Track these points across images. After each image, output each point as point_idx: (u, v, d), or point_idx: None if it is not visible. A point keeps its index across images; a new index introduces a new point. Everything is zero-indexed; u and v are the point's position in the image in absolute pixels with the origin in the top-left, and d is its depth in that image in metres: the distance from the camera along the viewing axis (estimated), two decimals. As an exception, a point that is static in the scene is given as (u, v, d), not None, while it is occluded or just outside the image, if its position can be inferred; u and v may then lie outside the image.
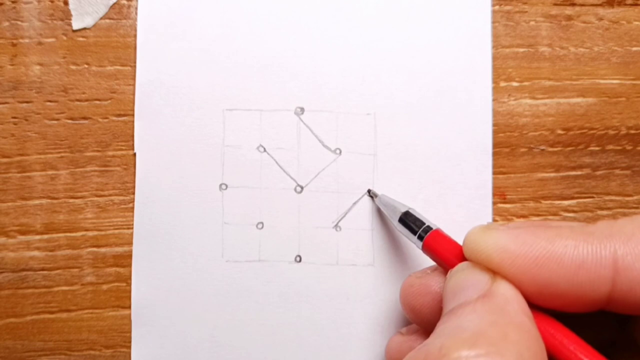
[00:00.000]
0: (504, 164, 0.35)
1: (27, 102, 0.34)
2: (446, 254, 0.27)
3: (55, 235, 0.34)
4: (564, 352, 0.22)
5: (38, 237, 0.34)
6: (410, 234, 0.30)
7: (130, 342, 0.34)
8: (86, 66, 0.34)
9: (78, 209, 0.34)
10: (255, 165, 0.34)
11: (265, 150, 0.34)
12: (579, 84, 0.35)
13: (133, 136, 0.34)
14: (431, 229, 0.29)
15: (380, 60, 0.35)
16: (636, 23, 0.35)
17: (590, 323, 0.25)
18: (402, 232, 0.30)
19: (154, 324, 0.34)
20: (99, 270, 0.34)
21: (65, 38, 0.34)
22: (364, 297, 0.34)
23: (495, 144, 0.35)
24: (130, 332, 0.34)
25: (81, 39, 0.34)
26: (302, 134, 0.34)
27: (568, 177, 0.35)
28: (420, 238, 0.29)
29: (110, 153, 0.34)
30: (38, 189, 0.34)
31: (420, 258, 0.33)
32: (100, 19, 0.34)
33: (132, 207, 0.34)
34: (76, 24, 0.34)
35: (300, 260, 0.34)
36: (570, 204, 0.35)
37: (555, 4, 0.35)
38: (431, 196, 0.34)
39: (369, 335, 0.34)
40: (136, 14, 0.34)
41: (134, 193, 0.34)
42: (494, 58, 0.35)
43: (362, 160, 0.34)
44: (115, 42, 0.34)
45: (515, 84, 0.35)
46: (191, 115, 0.34)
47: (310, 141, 0.34)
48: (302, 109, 0.34)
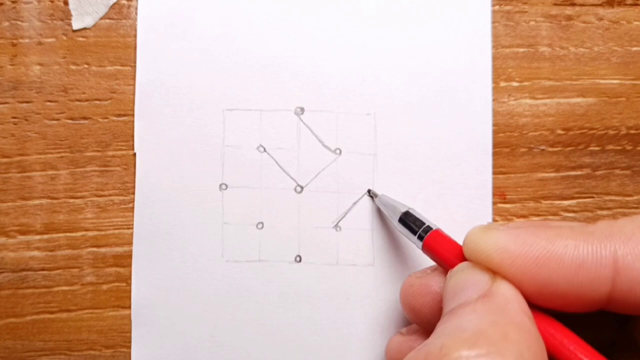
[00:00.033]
0: (504, 164, 0.35)
1: (27, 102, 0.34)
2: (446, 254, 0.27)
3: (55, 235, 0.34)
4: (564, 352, 0.22)
5: (38, 237, 0.34)
6: (410, 234, 0.30)
7: (130, 342, 0.34)
8: (86, 66, 0.34)
9: (78, 209, 0.34)
10: (255, 165, 0.34)
11: (265, 150, 0.34)
12: (579, 84, 0.35)
13: (133, 136, 0.34)
14: (431, 229, 0.29)
15: (380, 60, 0.35)
16: (636, 23, 0.35)
17: (590, 323, 0.25)
18: (402, 232, 0.30)
19: (154, 324, 0.34)
20: (99, 270, 0.34)
21: (65, 38, 0.34)
22: (364, 297, 0.34)
23: (495, 144, 0.35)
24: (130, 332, 0.34)
25: (81, 39, 0.34)
26: (302, 134, 0.34)
27: (568, 177, 0.35)
28: (420, 238, 0.29)
29: (110, 153, 0.34)
30: (38, 189, 0.34)
31: (420, 258, 0.33)
32: (100, 19, 0.34)
33: (132, 207, 0.34)
34: (76, 24, 0.34)
35: (300, 260, 0.34)
36: (570, 204, 0.35)
37: (555, 4, 0.35)
38: (431, 196, 0.34)
39: (369, 335, 0.34)
40: (136, 14, 0.34)
41: (134, 193, 0.34)
42: (494, 58, 0.35)
43: (362, 160, 0.34)
44: (115, 42, 0.34)
45: (515, 84, 0.35)
46: (191, 115, 0.34)
47: (310, 141, 0.34)
48: (302, 109, 0.34)
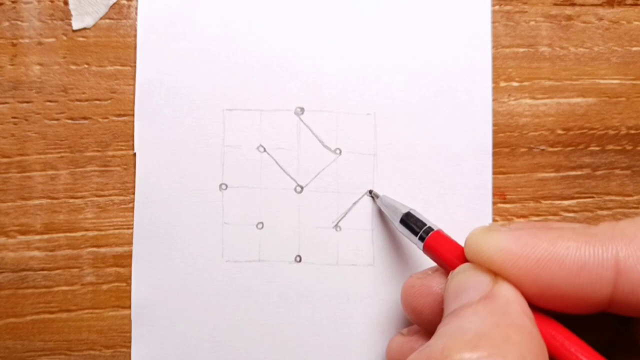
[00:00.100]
0: (504, 164, 0.35)
1: (27, 102, 0.34)
2: (447, 255, 0.27)
3: (55, 235, 0.34)
4: (565, 353, 0.22)
5: (38, 237, 0.34)
6: (411, 235, 0.30)
7: (130, 342, 0.34)
8: (86, 66, 0.34)
9: (78, 209, 0.34)
10: (255, 165, 0.34)
11: (265, 150, 0.34)
12: (579, 84, 0.35)
13: (133, 136, 0.34)
14: (432, 230, 0.29)
15: (380, 60, 0.35)
16: (636, 23, 0.35)
17: (591, 325, 0.25)
18: (404, 233, 0.30)
19: (154, 324, 0.34)
20: (99, 270, 0.34)
21: (65, 38, 0.34)
22: (364, 297, 0.34)
23: (495, 144, 0.35)
24: (130, 332, 0.34)
25: (81, 39, 0.34)
26: (302, 134, 0.34)
27: (568, 177, 0.35)
28: (422, 239, 0.29)
29: (110, 153, 0.34)
30: (38, 189, 0.34)
31: (421, 258, 0.33)
32: (100, 19, 0.34)
33: (132, 207, 0.34)
34: (76, 24, 0.34)
35: (300, 260, 0.34)
36: (570, 204, 0.35)
37: (555, 4, 0.35)
38: (431, 196, 0.34)
39: (369, 335, 0.34)
40: (136, 14, 0.34)
41: (134, 193, 0.34)
42: (494, 58, 0.35)
43: (362, 160, 0.34)
44: (115, 42, 0.34)
45: (515, 84, 0.35)
46: (191, 115, 0.34)
47: (310, 141, 0.34)
48: (302, 109, 0.34)
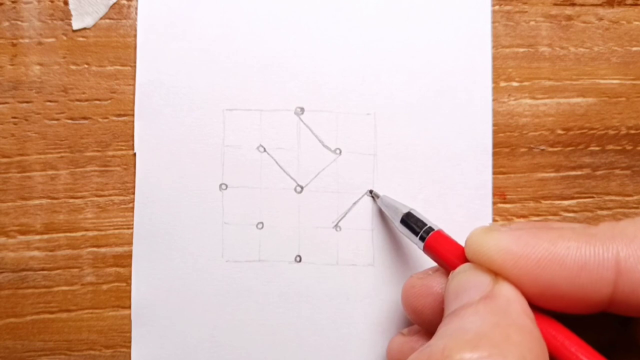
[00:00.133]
0: (504, 164, 0.35)
1: (27, 102, 0.34)
2: (448, 255, 0.27)
3: (55, 235, 0.34)
4: (566, 353, 0.22)
5: (38, 237, 0.34)
6: (411, 235, 0.30)
7: (130, 342, 0.34)
8: (86, 66, 0.34)
9: (78, 209, 0.34)
10: (255, 165, 0.34)
11: (265, 150, 0.34)
12: (579, 84, 0.35)
13: (133, 136, 0.34)
14: (433, 230, 0.29)
15: (380, 60, 0.35)
16: (636, 23, 0.35)
17: (591, 325, 0.25)
18: (404, 233, 0.30)
19: (154, 324, 0.34)
20: (99, 270, 0.34)
21: (65, 38, 0.34)
22: (364, 297, 0.34)
23: (495, 144, 0.35)
24: (130, 332, 0.34)
25: (81, 39, 0.34)
26: (302, 134, 0.34)
27: (568, 177, 0.35)
28: (422, 239, 0.29)
29: (110, 153, 0.34)
30: (38, 189, 0.34)
31: (421, 258, 0.33)
32: (100, 19, 0.34)
33: (132, 207, 0.34)
34: (76, 24, 0.34)
35: (300, 260, 0.34)
36: (570, 204, 0.35)
37: (555, 4, 0.35)
38: (431, 196, 0.34)
39: (369, 335, 0.34)
40: (136, 14, 0.34)
41: (134, 193, 0.34)
42: (494, 58, 0.35)
43: (362, 160, 0.34)
44: (115, 42, 0.34)
45: (515, 84, 0.35)
46: (191, 115, 0.34)
47: (310, 141, 0.34)
48: (302, 109, 0.34)
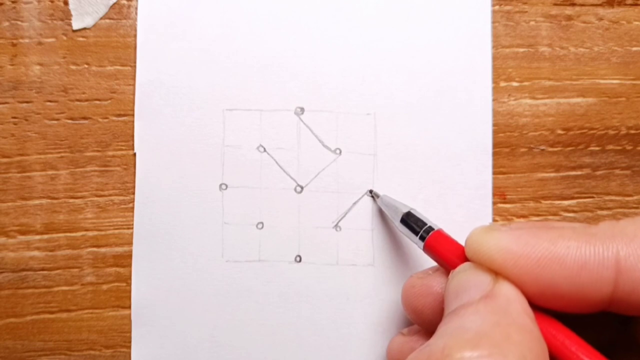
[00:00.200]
0: (504, 164, 0.35)
1: (27, 102, 0.34)
2: (448, 255, 0.27)
3: (55, 235, 0.34)
4: (566, 353, 0.22)
5: (38, 237, 0.34)
6: (411, 235, 0.30)
7: (130, 342, 0.34)
8: (86, 66, 0.34)
9: (78, 209, 0.34)
10: (255, 165, 0.34)
11: (265, 150, 0.34)
12: (579, 84, 0.35)
13: (133, 136, 0.34)
14: (433, 229, 0.29)
15: (380, 60, 0.35)
16: (636, 23, 0.35)
17: (591, 324, 0.25)
18: (404, 233, 0.30)
19: (154, 324, 0.34)
20: (99, 270, 0.34)
21: (65, 38, 0.34)
22: (364, 297, 0.34)
23: (495, 144, 0.35)
24: (130, 332, 0.34)
25: (81, 39, 0.34)
26: (302, 134, 0.34)
27: (568, 177, 0.35)
28: (422, 238, 0.29)
29: (110, 153, 0.34)
30: (38, 189, 0.34)
31: (421, 258, 0.33)
32: (100, 19, 0.34)
33: (132, 207, 0.34)
34: (76, 24, 0.34)
35: (300, 260, 0.34)
36: (570, 204, 0.35)
37: (555, 4, 0.35)
38: (431, 196, 0.34)
39: (369, 335, 0.34)
40: (136, 14, 0.34)
41: (134, 193, 0.34)
42: (494, 58, 0.35)
43: (362, 160, 0.34)
44: (115, 42, 0.34)
45: (515, 84, 0.35)
46: (191, 115, 0.34)
47: (310, 141, 0.34)
48: (302, 109, 0.34)
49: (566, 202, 0.35)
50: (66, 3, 0.34)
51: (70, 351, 0.34)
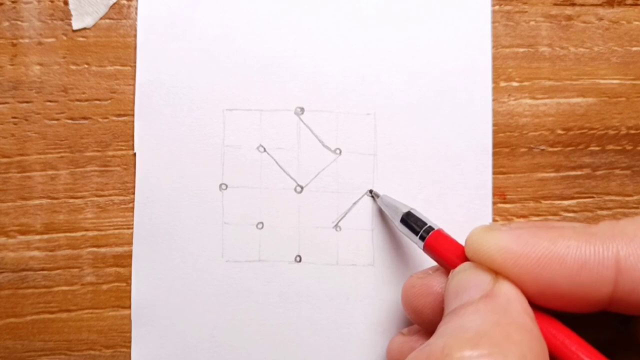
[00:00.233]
0: (504, 164, 0.35)
1: (27, 102, 0.34)
2: (448, 254, 0.27)
3: (55, 235, 0.34)
4: (566, 352, 0.22)
5: (38, 237, 0.34)
6: (411, 234, 0.30)
7: (130, 342, 0.34)
8: (86, 66, 0.34)
9: (78, 209, 0.34)
10: (255, 165, 0.34)
11: (265, 150, 0.34)
12: (579, 84, 0.35)
13: (133, 136, 0.34)
14: (433, 229, 0.29)
15: (380, 60, 0.35)
16: (636, 23, 0.35)
17: (591, 323, 0.25)
18: (404, 233, 0.30)
19: (154, 324, 0.34)
20: (99, 270, 0.34)
21: (65, 38, 0.34)
22: (364, 297, 0.34)
23: (495, 144, 0.35)
24: (130, 332, 0.34)
25: (81, 39, 0.34)
26: (302, 134, 0.34)
27: (568, 177, 0.35)
28: (422, 238, 0.29)
29: (110, 153, 0.34)
30: (38, 189, 0.34)
31: (421, 258, 0.33)
32: (100, 19, 0.34)
33: (132, 207, 0.34)
34: (76, 24, 0.34)
35: (300, 260, 0.34)
36: (570, 204, 0.35)
37: (555, 4, 0.35)
38: (431, 196, 0.34)
39: (369, 335, 0.34)
40: (136, 14, 0.34)
41: (134, 193, 0.34)
42: (494, 58, 0.35)
43: (362, 160, 0.34)
44: (115, 42, 0.34)
45: (515, 84, 0.35)
46: (191, 115, 0.34)
47: (310, 141, 0.34)
48: (302, 109, 0.34)
49: (566, 202, 0.35)
50: (66, 3, 0.34)
51: (70, 351, 0.34)
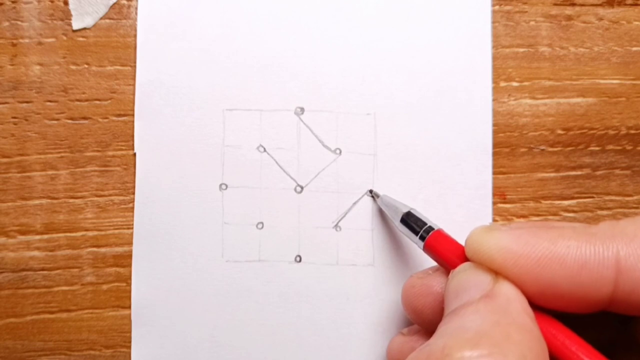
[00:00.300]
0: (504, 164, 0.35)
1: (27, 102, 0.34)
2: (448, 254, 0.27)
3: (55, 235, 0.34)
4: (566, 352, 0.22)
5: (38, 237, 0.34)
6: (411, 234, 0.30)
7: (130, 342, 0.34)
8: (86, 66, 0.34)
9: (78, 209, 0.34)
10: (255, 165, 0.34)
11: (265, 150, 0.34)
12: (579, 84, 0.35)
13: (133, 136, 0.34)
14: (433, 229, 0.29)
15: (380, 60, 0.35)
16: (636, 23, 0.35)
17: (591, 323, 0.25)
18: (404, 233, 0.30)
19: (154, 324, 0.34)
20: (99, 270, 0.34)
21: (65, 38, 0.34)
22: (364, 297, 0.34)
23: (495, 144, 0.35)
24: (130, 332, 0.34)
25: (81, 39, 0.34)
26: (302, 134, 0.34)
27: (568, 177, 0.35)
28: (422, 238, 0.29)
29: (110, 153, 0.34)
30: (38, 189, 0.34)
31: (421, 258, 0.33)
32: (100, 19, 0.34)
33: (132, 207, 0.34)
34: (76, 24, 0.34)
35: (300, 260, 0.34)
36: (570, 204, 0.35)
37: (555, 4, 0.35)
38: (431, 196, 0.34)
39: (369, 335, 0.34)
40: (136, 14, 0.34)
41: (134, 193, 0.34)
42: (494, 58, 0.35)
43: (362, 160, 0.34)
44: (115, 42, 0.34)
45: (515, 84, 0.35)
46: (191, 115, 0.34)
47: (310, 141, 0.34)
48: (302, 109, 0.34)
49: (566, 202, 0.35)
50: (66, 3, 0.34)
51: (70, 351, 0.34)
